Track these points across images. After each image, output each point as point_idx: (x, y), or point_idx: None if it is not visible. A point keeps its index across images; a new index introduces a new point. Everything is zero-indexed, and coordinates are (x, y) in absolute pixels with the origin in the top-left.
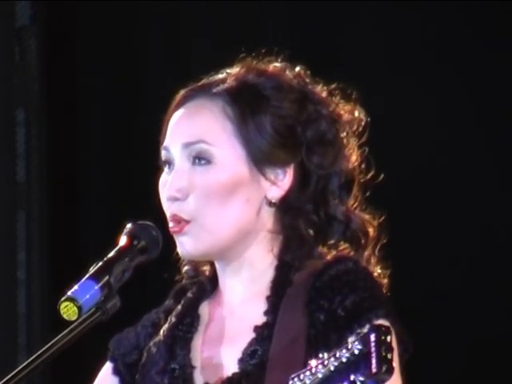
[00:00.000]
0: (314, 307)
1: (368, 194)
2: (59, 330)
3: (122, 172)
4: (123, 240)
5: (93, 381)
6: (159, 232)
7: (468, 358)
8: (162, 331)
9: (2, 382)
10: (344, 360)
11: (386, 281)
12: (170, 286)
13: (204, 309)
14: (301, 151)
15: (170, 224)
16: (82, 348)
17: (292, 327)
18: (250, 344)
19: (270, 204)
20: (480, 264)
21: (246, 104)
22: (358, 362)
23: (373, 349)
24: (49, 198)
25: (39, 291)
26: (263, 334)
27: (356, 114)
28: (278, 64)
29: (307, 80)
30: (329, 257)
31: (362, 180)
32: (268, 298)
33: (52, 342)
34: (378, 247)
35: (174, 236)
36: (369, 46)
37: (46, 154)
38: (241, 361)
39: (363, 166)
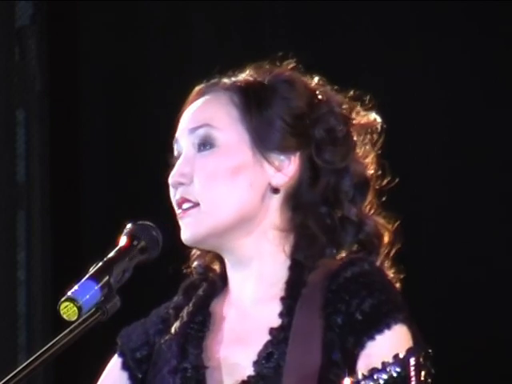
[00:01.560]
0: (330, 310)
1: (384, 199)
2: (59, 330)
3: (122, 172)
4: (123, 240)
5: (95, 379)
6: (159, 232)
7: (468, 358)
8: (173, 329)
9: (2, 382)
10: (381, 382)
11: (398, 285)
12: (171, 286)
13: (215, 307)
14: (309, 143)
15: (177, 210)
16: (83, 348)
17: (308, 330)
18: (266, 346)
19: (275, 191)
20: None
21: (253, 93)
22: None
23: (412, 373)
24: (49, 197)
25: (39, 291)
26: (279, 336)
27: (371, 118)
28: (291, 66)
29: (324, 84)
30: (340, 256)
31: (377, 186)
32: (283, 299)
33: (52, 342)
34: (392, 252)
35: (180, 221)
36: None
37: (46, 154)
38: (256, 363)
39: (379, 171)
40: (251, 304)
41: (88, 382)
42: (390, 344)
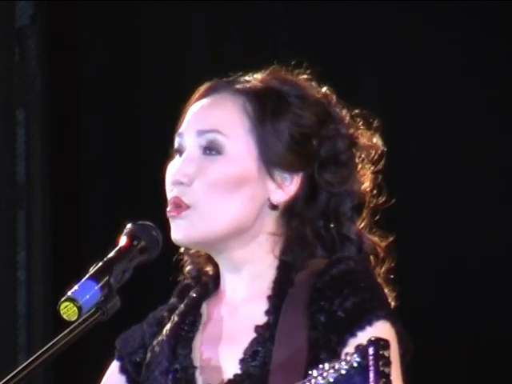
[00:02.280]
0: (314, 308)
1: (377, 217)
2: (59, 330)
3: (122, 172)
4: (123, 240)
5: (97, 380)
6: (159, 232)
7: (468, 358)
8: (165, 330)
9: (2, 382)
10: (343, 372)
11: (393, 304)
12: (171, 287)
13: (206, 308)
14: (313, 164)
15: (169, 207)
16: (83, 348)
17: (294, 328)
18: (251, 344)
19: (273, 207)
20: (485, 264)
21: (266, 105)
22: (356, 375)
23: (371, 362)
24: (49, 198)
25: (39, 291)
26: (264, 334)
27: (374, 141)
28: (305, 77)
29: (332, 99)
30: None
31: (372, 205)
32: (269, 297)
33: (52, 342)
34: (387, 269)
35: (170, 220)
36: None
37: (46, 154)
38: (242, 361)
39: (375, 191)
40: (241, 303)
41: (88, 382)
42: None
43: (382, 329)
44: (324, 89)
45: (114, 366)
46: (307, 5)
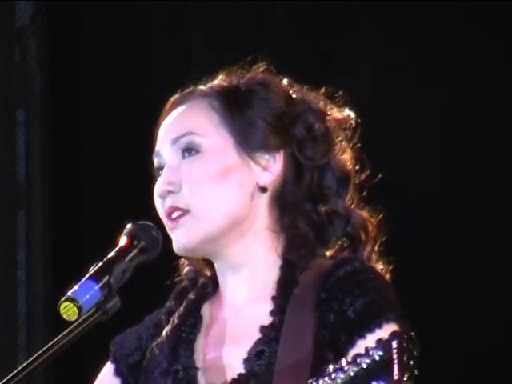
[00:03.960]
0: (324, 308)
1: (365, 193)
2: (59, 330)
3: (122, 172)
4: (123, 240)
5: (93, 382)
6: (159, 232)
7: (466, 359)
8: (164, 332)
9: (2, 382)
10: (364, 366)
11: (388, 276)
12: (171, 287)
13: (206, 310)
14: (291, 141)
15: (167, 222)
16: (83, 348)
17: (300, 329)
18: (256, 344)
19: (263, 190)
20: (482, 263)
21: (231, 97)
22: (379, 369)
23: (395, 355)
24: (49, 197)
25: (39, 291)
26: (270, 335)
27: (345, 113)
28: (263, 68)
29: (294, 83)
30: (329, 253)
31: (357, 180)
32: (274, 298)
33: (52, 342)
34: (378, 244)
35: (170, 233)
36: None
37: (46, 154)
38: (247, 361)
39: (357, 166)
40: (243, 305)
41: (88, 382)
42: None
43: (391, 331)
44: (285, 80)
45: (108, 368)
46: (307, 5)
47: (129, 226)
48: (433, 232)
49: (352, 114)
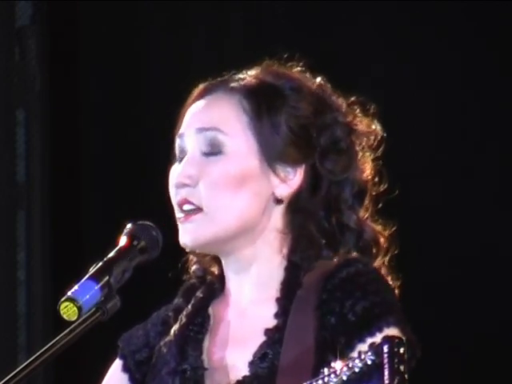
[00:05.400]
0: (324, 310)
1: (380, 206)
2: (59, 330)
3: (122, 172)
4: (123, 240)
5: (94, 381)
6: (159, 232)
7: (466, 359)
8: (172, 331)
9: (2, 382)
10: (357, 370)
11: (396, 291)
12: (171, 287)
13: (214, 309)
14: (314, 154)
15: (178, 211)
16: (83, 348)
17: (302, 330)
18: (261, 347)
19: (278, 201)
20: (482, 263)
21: (262, 99)
22: (370, 373)
23: (386, 360)
24: (49, 198)
25: (39, 291)
26: (274, 337)
27: (373, 127)
28: (299, 69)
29: (327, 88)
30: (337, 257)
31: (374, 192)
32: (278, 300)
33: (52, 342)
34: (389, 258)
35: (179, 223)
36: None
37: (46, 154)
38: (251, 364)
39: (376, 178)
40: (248, 305)
41: (88, 382)
42: None
43: (383, 335)
44: (318, 79)
45: (117, 364)
46: (307, 5)
47: (129, 225)
48: (433, 232)
49: (379, 128)
